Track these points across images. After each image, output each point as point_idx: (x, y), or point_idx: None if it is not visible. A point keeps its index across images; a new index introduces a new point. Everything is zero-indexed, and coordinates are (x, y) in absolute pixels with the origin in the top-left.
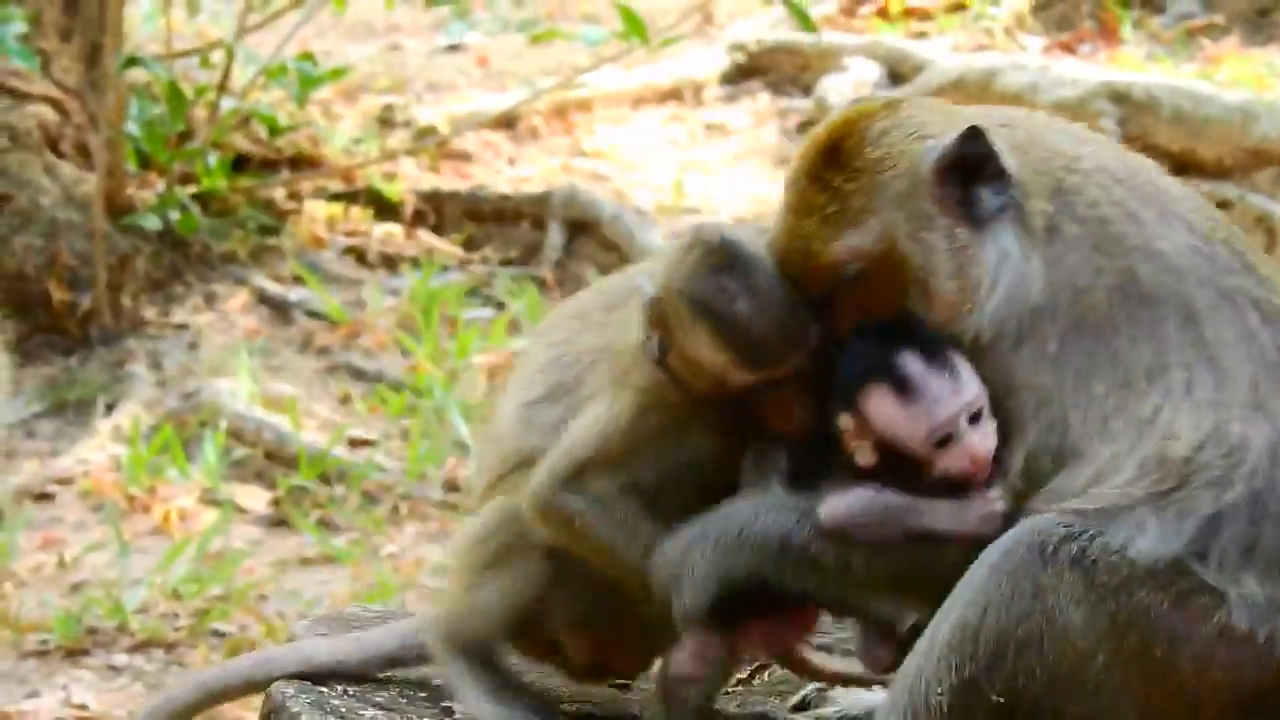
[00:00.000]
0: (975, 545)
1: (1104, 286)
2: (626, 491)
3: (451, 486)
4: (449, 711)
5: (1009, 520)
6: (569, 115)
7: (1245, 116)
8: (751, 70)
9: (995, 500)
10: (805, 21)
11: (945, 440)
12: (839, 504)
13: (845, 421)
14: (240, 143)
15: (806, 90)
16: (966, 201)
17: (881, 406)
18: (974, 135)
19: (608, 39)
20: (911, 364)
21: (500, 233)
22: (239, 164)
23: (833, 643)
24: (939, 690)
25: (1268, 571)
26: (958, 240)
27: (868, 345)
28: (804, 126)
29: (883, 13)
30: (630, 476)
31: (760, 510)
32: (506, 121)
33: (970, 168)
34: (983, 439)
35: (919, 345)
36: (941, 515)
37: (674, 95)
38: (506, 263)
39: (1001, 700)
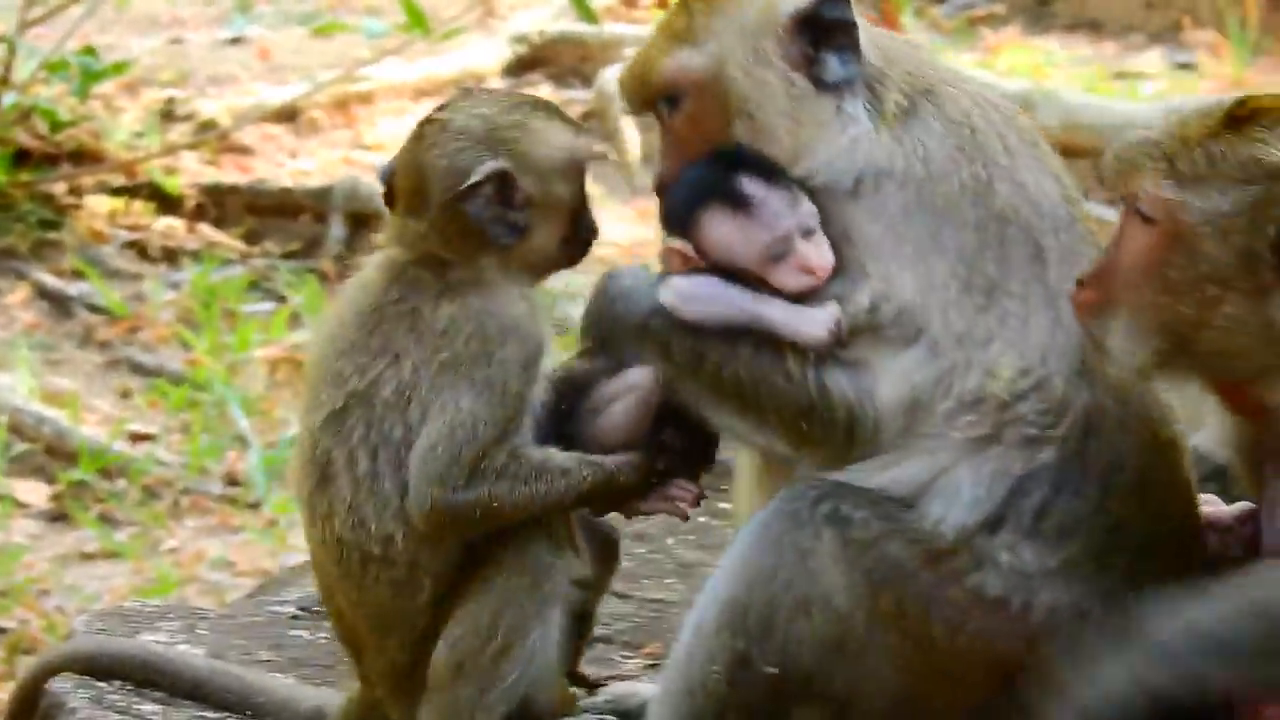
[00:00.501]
0: (816, 361)
1: (960, 180)
2: (520, 446)
3: (231, 480)
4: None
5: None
6: (350, 108)
7: (1024, 105)
8: (534, 62)
9: (833, 310)
10: (587, 13)
11: (781, 255)
12: (682, 282)
13: (681, 246)
14: (21, 137)
15: (588, 81)
16: (813, 60)
17: (716, 225)
18: (838, 1)
19: (389, 31)
20: (744, 183)
21: (281, 226)
22: (20, 158)
23: (612, 634)
24: (715, 670)
25: (1049, 543)
26: (794, 88)
27: (699, 171)
28: (586, 118)
29: (663, 3)
30: (518, 433)
31: (625, 289)
32: (288, 114)
33: (824, 29)
34: (819, 251)
35: (749, 169)
36: (778, 311)
37: (456, 87)
38: (287, 256)
39: (775, 671)
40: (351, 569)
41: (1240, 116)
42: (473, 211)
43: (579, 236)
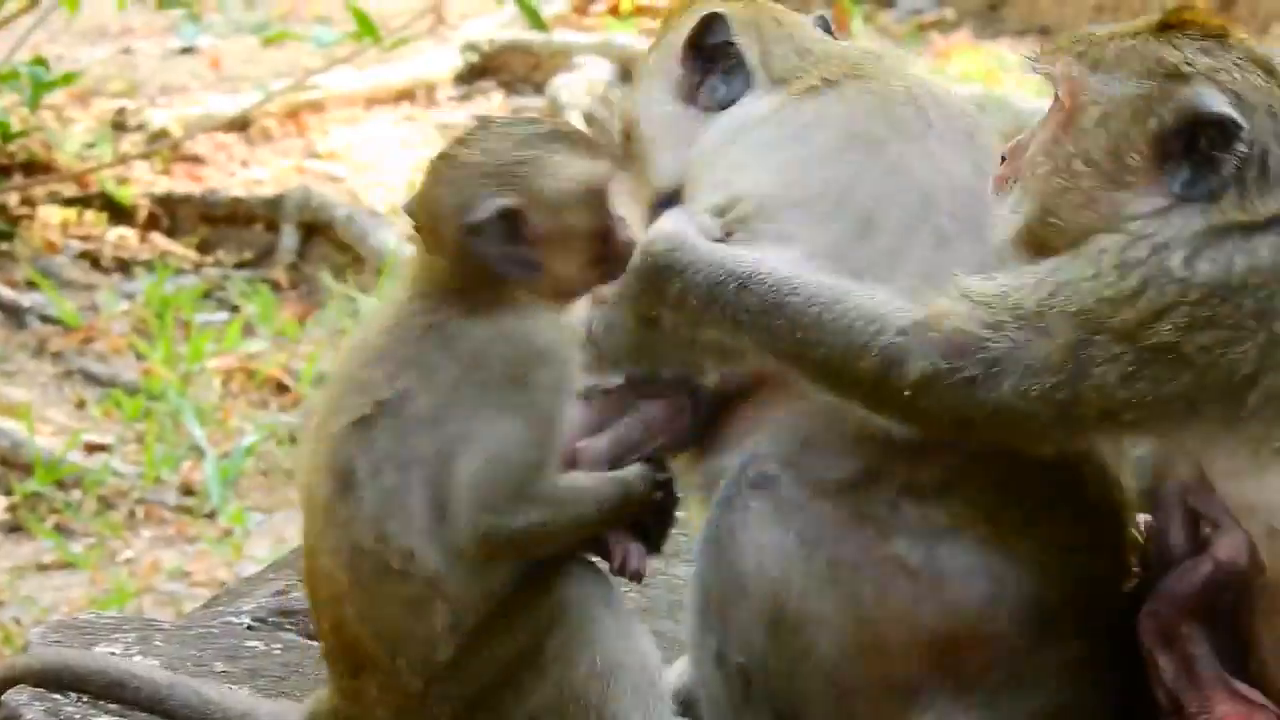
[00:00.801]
0: None
1: (847, 129)
2: (555, 471)
3: (187, 490)
4: None
5: None
6: (302, 117)
7: (976, 110)
8: (484, 70)
9: None
10: (537, 21)
11: None
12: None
13: None
14: None
15: (539, 89)
16: (698, 86)
17: None
18: (709, 22)
19: (340, 40)
20: None
21: (234, 235)
22: None
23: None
24: (704, 681)
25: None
26: (683, 118)
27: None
28: None
29: (614, 10)
30: (554, 458)
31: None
32: (239, 124)
33: (709, 55)
34: None
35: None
36: None
37: (407, 95)
38: (240, 265)
39: (743, 661)
40: (366, 579)
41: (1169, 24)
42: (479, 250)
43: (609, 256)
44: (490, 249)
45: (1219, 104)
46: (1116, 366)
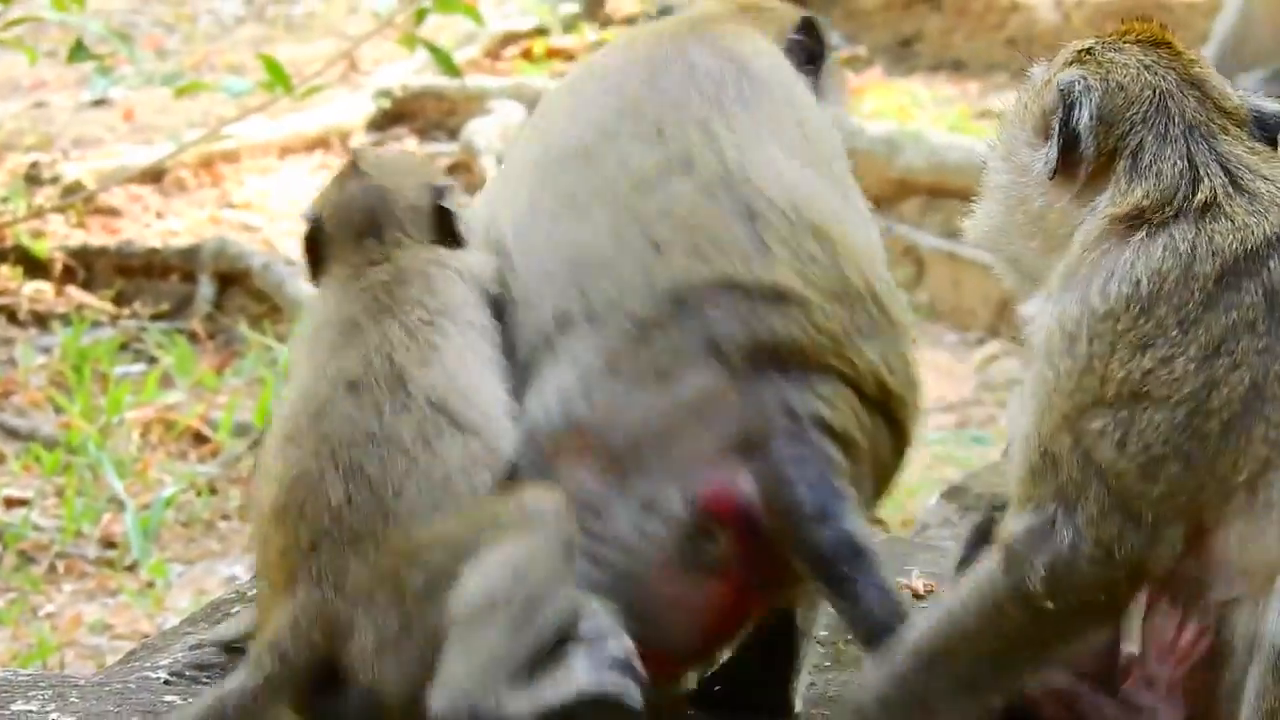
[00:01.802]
0: None
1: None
2: None
3: (108, 543)
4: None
5: None
6: (216, 167)
7: (890, 148)
8: (398, 116)
9: None
10: (450, 66)
11: None
12: None
13: None
14: None
15: (453, 134)
16: None
17: None
18: None
19: (252, 89)
20: None
21: (150, 287)
22: None
23: None
24: None
25: None
26: None
27: None
28: (452, 170)
29: (527, 55)
30: None
31: None
32: (154, 175)
33: None
34: None
35: None
36: None
37: (321, 143)
38: (157, 317)
39: None
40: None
41: (1117, 33)
42: (449, 207)
43: None
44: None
45: (1070, 77)
46: (1105, 439)
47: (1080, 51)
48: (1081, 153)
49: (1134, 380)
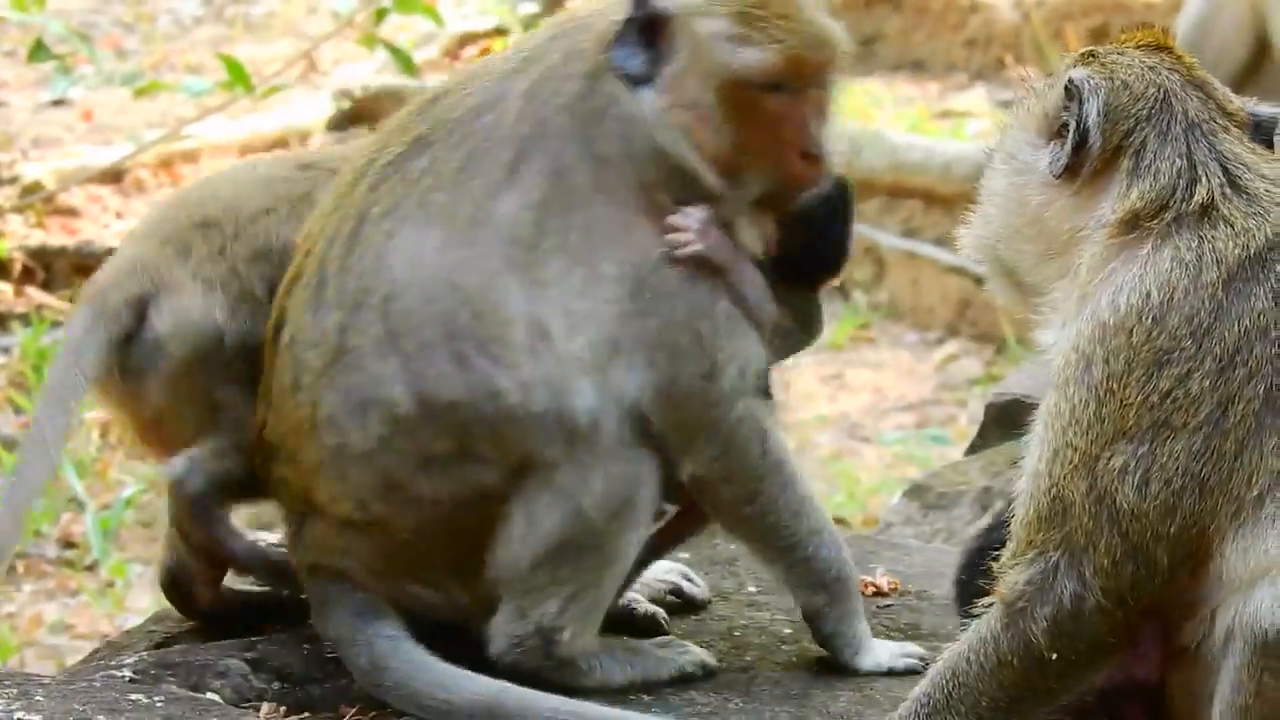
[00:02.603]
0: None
1: None
2: None
3: (67, 543)
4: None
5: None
6: (176, 167)
7: (850, 148)
8: (358, 116)
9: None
10: (409, 66)
11: None
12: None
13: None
14: None
15: None
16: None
17: None
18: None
19: (212, 89)
20: None
21: None
22: None
23: None
24: None
25: None
26: None
27: None
28: None
29: (485, 54)
30: None
31: None
32: (113, 175)
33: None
34: None
35: None
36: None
37: (281, 143)
38: None
39: None
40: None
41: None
42: None
43: None
44: None
45: (1078, 74)
46: (1128, 478)
47: (1084, 55)
48: (1088, 148)
49: (1154, 405)
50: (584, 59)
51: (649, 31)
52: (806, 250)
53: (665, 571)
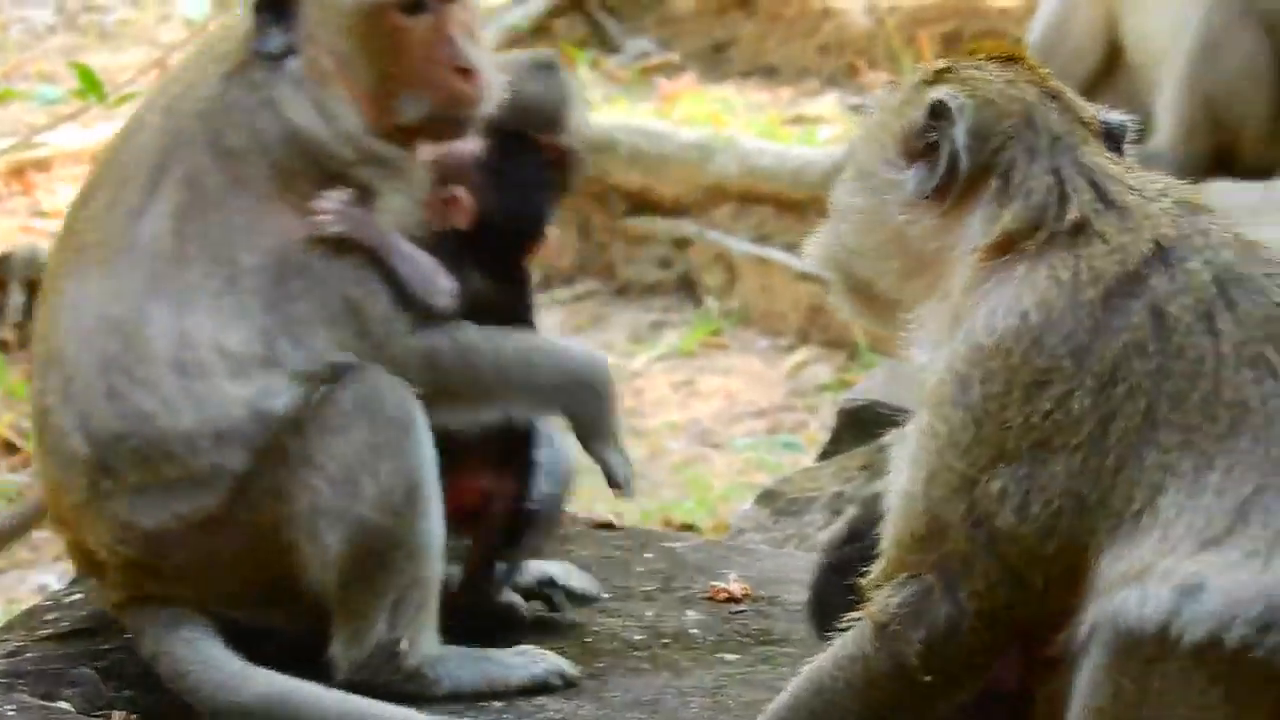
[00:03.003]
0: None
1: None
2: None
3: None
4: None
5: None
6: (28, 175)
7: (702, 154)
8: None
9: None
10: (95, 89)
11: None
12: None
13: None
14: None
15: None
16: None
17: None
18: None
19: (65, 98)
20: None
21: None
22: None
23: None
24: None
25: None
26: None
27: None
28: None
29: None
30: None
31: None
32: None
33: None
34: None
35: None
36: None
37: None
38: None
39: None
40: None
41: (971, 51)
42: None
43: None
44: None
45: (943, 93)
46: (1007, 501)
47: (941, 71)
48: (958, 171)
49: (1035, 426)
50: (226, 60)
51: (281, 6)
52: (501, 214)
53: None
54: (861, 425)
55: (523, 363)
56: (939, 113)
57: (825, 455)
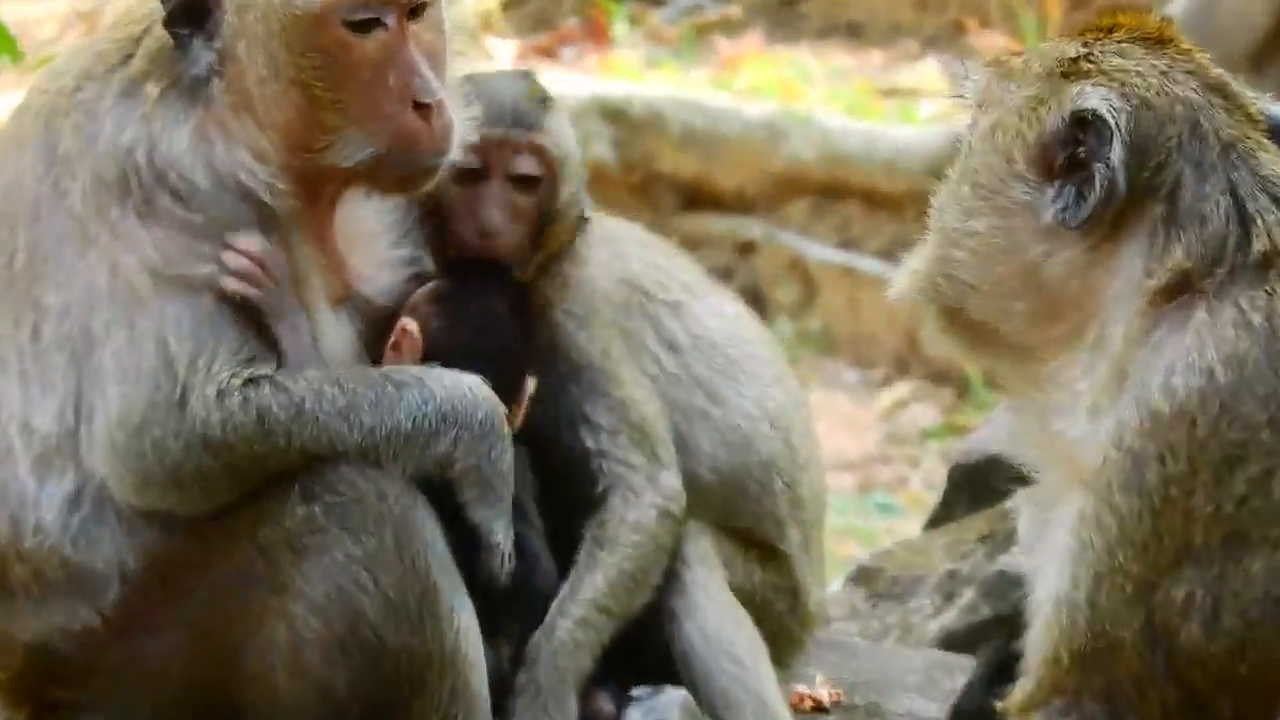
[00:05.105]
0: None
1: None
2: None
3: None
4: None
5: None
6: None
7: (771, 134)
8: None
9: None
10: (10, 49)
11: None
12: None
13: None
14: None
15: None
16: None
17: None
18: None
19: None
20: None
21: None
22: None
23: None
24: None
25: None
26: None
27: None
28: None
29: None
30: None
31: None
32: None
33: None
34: None
35: None
36: None
37: None
38: None
39: None
40: None
41: (1101, 26)
42: None
43: None
44: None
45: (1095, 98)
46: (1194, 612)
47: (1075, 59)
48: (1114, 196)
49: (1228, 515)
50: (132, 77)
51: (197, 14)
52: (460, 358)
53: None
54: (979, 483)
55: (378, 406)
56: (1087, 123)
57: (934, 522)
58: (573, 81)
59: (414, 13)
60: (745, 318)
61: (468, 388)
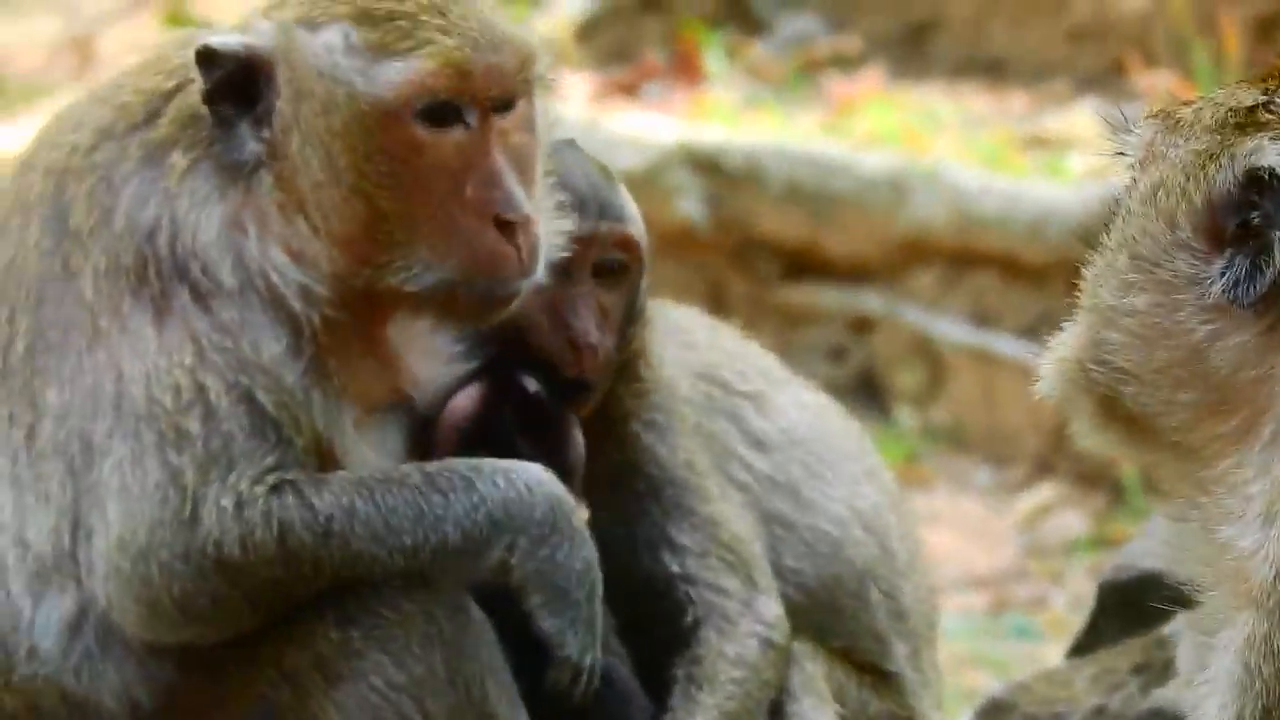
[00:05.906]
0: None
1: None
2: None
3: None
4: None
5: None
6: None
7: (893, 191)
8: None
9: None
10: None
11: None
12: None
13: None
14: None
15: None
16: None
17: None
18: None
19: None
20: None
21: None
22: None
23: None
24: None
25: None
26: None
27: None
28: None
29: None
30: None
31: None
32: None
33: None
34: None
35: None
36: None
37: None
38: None
39: None
40: None
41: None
42: None
43: None
44: None
45: (1272, 155)
46: None
47: (1252, 108)
48: (1263, 272)
49: None
50: (158, 152)
51: (247, 97)
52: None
53: None
54: (1133, 604)
55: (420, 522)
56: (1263, 183)
57: (1080, 649)
58: (657, 126)
59: (501, 109)
60: (830, 408)
61: (524, 485)
